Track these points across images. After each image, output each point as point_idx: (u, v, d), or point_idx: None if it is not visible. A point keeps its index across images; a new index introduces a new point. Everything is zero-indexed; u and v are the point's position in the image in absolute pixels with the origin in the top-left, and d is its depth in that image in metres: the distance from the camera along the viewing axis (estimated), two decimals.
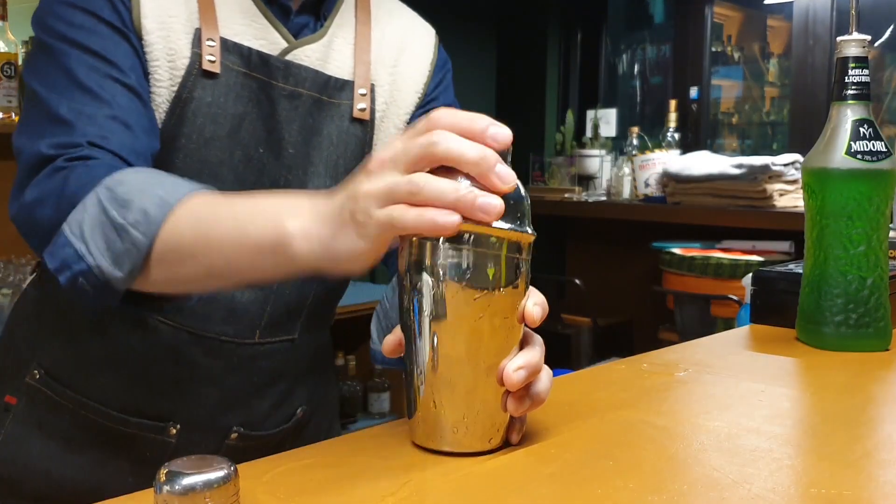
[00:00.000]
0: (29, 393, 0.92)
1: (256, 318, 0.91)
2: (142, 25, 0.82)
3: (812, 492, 0.56)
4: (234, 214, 0.65)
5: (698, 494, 0.55)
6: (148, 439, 0.91)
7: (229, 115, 0.85)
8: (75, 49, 0.79)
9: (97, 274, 0.69)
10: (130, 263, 0.68)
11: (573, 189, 3.32)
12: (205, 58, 0.84)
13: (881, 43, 2.99)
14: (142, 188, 0.69)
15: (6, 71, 2.11)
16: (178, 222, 0.67)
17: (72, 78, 0.78)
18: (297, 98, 0.89)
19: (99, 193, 0.70)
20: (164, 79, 0.83)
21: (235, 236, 0.64)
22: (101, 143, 0.76)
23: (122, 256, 0.68)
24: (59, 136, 0.76)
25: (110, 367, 0.90)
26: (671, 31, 3.54)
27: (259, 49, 0.88)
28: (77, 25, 0.80)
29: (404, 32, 1.00)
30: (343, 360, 2.90)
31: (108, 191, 0.69)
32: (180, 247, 0.67)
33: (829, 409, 0.78)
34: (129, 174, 0.71)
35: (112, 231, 0.68)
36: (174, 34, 0.84)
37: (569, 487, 0.57)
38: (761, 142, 3.48)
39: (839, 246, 0.95)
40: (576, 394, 0.80)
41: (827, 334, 0.96)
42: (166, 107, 0.83)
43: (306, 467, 0.60)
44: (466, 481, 0.57)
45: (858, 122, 0.94)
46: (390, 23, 0.99)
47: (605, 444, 0.65)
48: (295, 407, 1.00)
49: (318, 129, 0.91)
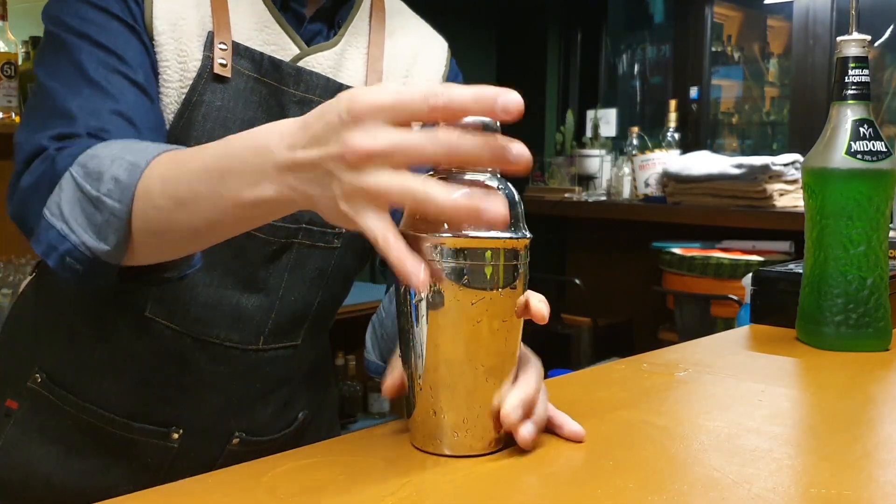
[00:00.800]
0: (31, 397, 0.92)
1: (262, 324, 0.91)
2: (153, 26, 0.82)
3: (812, 492, 0.56)
4: (206, 147, 0.63)
5: (698, 494, 0.55)
6: (150, 444, 0.91)
7: (239, 119, 0.85)
8: (86, 43, 0.79)
9: (83, 250, 0.68)
10: (114, 234, 0.67)
11: (573, 189, 3.32)
12: (216, 61, 0.83)
13: (881, 43, 2.99)
14: (112, 157, 0.68)
15: (6, 71, 2.11)
16: (151, 180, 0.66)
17: (80, 71, 0.78)
18: (308, 105, 0.88)
19: (72, 171, 0.69)
20: (173, 80, 0.83)
21: (211, 163, 0.61)
22: (100, 135, 0.75)
23: (104, 228, 0.68)
24: (60, 128, 0.75)
25: (113, 372, 0.90)
26: (671, 31, 3.54)
27: (270, 54, 0.87)
28: (89, 20, 0.80)
29: (417, 44, 1.00)
30: (343, 360, 2.90)
31: (81, 167, 0.69)
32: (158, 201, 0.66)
33: (829, 409, 0.78)
34: (101, 148, 0.70)
35: (89, 205, 0.68)
36: (186, 36, 0.83)
37: (569, 487, 0.57)
38: (761, 142, 3.48)
39: (839, 246, 0.95)
40: (576, 394, 0.80)
41: (827, 334, 0.96)
42: (175, 108, 0.83)
43: (306, 467, 0.60)
44: (466, 482, 0.57)
45: (858, 122, 0.94)
46: (404, 34, 0.99)
47: (605, 444, 0.65)
48: (296, 412, 1.00)
49: None
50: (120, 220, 0.67)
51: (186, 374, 0.89)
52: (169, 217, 0.66)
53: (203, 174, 0.62)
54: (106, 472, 0.91)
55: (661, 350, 0.97)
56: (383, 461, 0.61)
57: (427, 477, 0.58)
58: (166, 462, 0.92)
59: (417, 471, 0.59)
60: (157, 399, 0.90)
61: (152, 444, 0.91)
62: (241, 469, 0.60)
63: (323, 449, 0.65)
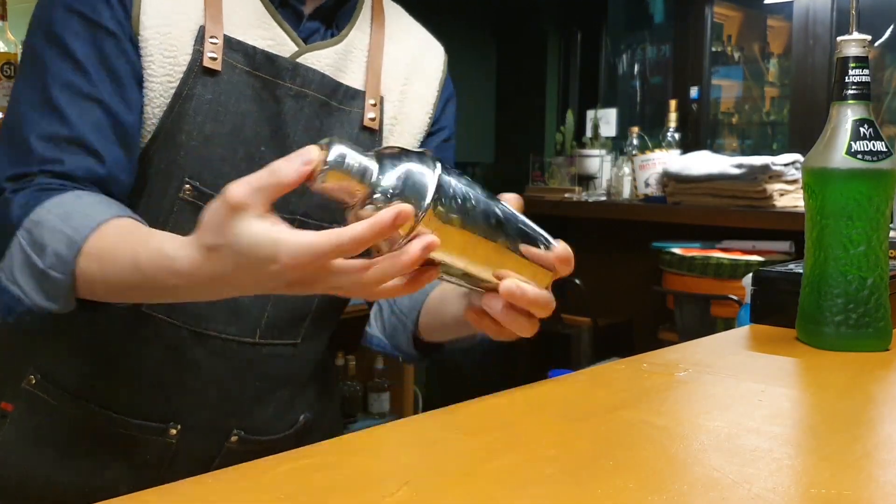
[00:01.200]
0: (26, 398, 0.91)
1: (258, 317, 0.91)
2: (140, 21, 0.83)
3: (812, 492, 0.56)
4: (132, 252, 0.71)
5: (698, 494, 0.55)
6: (149, 441, 0.91)
7: (231, 112, 0.86)
8: (56, 58, 0.82)
9: (38, 311, 0.75)
10: (63, 297, 0.75)
11: (573, 189, 3.32)
12: (206, 55, 0.84)
13: (881, 43, 2.99)
14: (53, 228, 0.74)
15: (6, 71, 2.11)
16: (89, 260, 0.73)
17: (44, 94, 0.81)
18: (304, 98, 0.90)
19: (20, 238, 0.75)
20: (158, 74, 0.84)
21: (130, 274, 0.71)
22: (54, 168, 0.79)
23: (52, 293, 0.74)
24: (18, 166, 0.79)
25: (111, 369, 0.90)
26: (671, 31, 3.54)
27: (266, 49, 0.88)
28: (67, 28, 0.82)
29: (416, 51, 1.02)
30: (343, 360, 2.90)
31: (28, 234, 0.75)
32: (95, 280, 0.74)
33: (829, 409, 0.78)
34: (44, 212, 0.75)
35: (37, 274, 0.74)
36: (177, 31, 0.84)
37: (569, 487, 0.57)
38: (761, 142, 3.48)
39: (839, 246, 0.95)
40: (576, 394, 0.80)
41: (827, 334, 0.96)
42: (164, 102, 0.84)
43: (306, 467, 0.60)
44: (466, 481, 0.57)
45: (859, 122, 0.94)
46: (404, 39, 1.01)
47: (605, 444, 0.65)
48: (298, 414, 1.01)
49: (327, 132, 0.91)
50: (65, 288, 0.74)
51: (184, 369, 0.90)
52: (112, 292, 0.75)
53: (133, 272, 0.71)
54: (105, 470, 0.91)
55: (661, 350, 0.97)
56: (383, 461, 0.61)
57: (427, 477, 0.58)
58: (166, 458, 0.92)
59: (417, 471, 0.59)
60: (155, 394, 0.91)
61: (151, 440, 0.91)
62: (240, 469, 0.60)
63: (323, 449, 0.65)
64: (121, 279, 0.72)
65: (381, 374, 2.93)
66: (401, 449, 0.63)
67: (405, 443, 0.64)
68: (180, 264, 0.66)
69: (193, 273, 0.65)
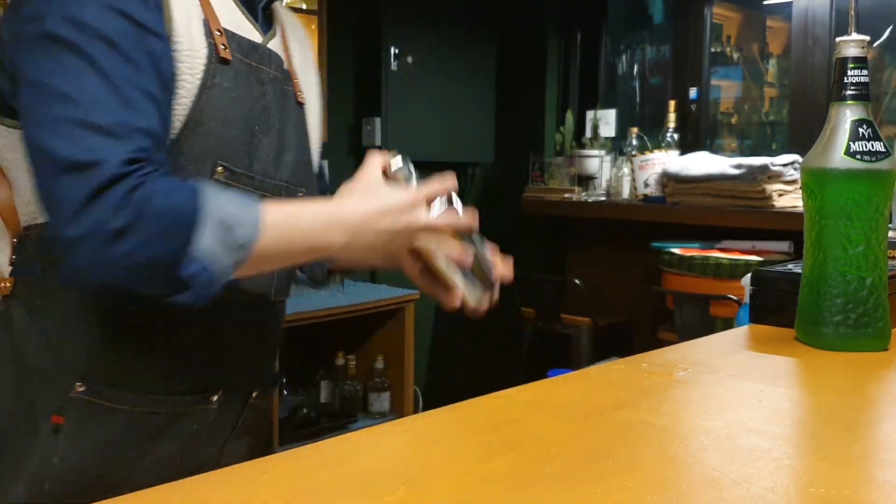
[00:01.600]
0: (76, 406, 0.91)
1: (269, 276, 1.01)
2: (173, 17, 0.88)
3: (811, 492, 0.56)
4: (301, 231, 0.87)
5: (698, 494, 0.56)
6: (195, 412, 0.98)
7: (239, 97, 0.94)
8: (113, 53, 0.82)
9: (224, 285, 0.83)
10: (244, 269, 0.84)
11: (573, 189, 3.32)
12: (218, 46, 0.91)
13: (880, 43, 2.99)
14: (230, 204, 0.83)
15: None
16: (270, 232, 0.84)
17: (110, 86, 0.81)
18: (276, 81, 1.01)
19: (209, 217, 0.81)
20: (187, 69, 0.89)
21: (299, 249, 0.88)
22: (146, 156, 0.81)
23: (243, 266, 0.84)
24: (125, 150, 0.79)
25: (154, 356, 0.94)
26: (671, 32, 3.54)
27: (248, 38, 0.97)
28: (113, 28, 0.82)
29: (300, 33, 1.14)
30: (343, 360, 2.90)
31: (210, 216, 0.81)
32: (268, 251, 0.84)
33: (829, 409, 0.78)
34: (210, 194, 0.82)
35: (236, 249, 0.82)
36: (194, 25, 0.90)
37: (569, 487, 0.57)
38: (760, 142, 3.48)
39: (838, 246, 0.95)
40: (576, 394, 0.80)
41: (826, 334, 0.96)
42: (190, 94, 0.89)
43: (306, 467, 0.60)
44: (466, 481, 0.58)
45: (857, 123, 0.94)
46: (292, 23, 1.13)
47: (605, 444, 0.65)
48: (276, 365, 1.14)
49: (287, 109, 1.03)
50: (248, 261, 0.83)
51: (217, 339, 0.97)
52: (272, 261, 0.88)
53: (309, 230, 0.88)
54: (156, 450, 0.95)
55: (660, 350, 0.97)
56: (383, 461, 0.61)
57: (427, 477, 0.59)
58: (206, 425, 0.99)
59: (417, 471, 0.59)
60: (197, 369, 0.97)
61: (197, 410, 0.98)
62: (241, 469, 0.60)
63: (323, 449, 0.65)
64: (291, 246, 0.87)
65: (381, 374, 2.93)
66: (401, 449, 0.63)
67: (405, 442, 0.64)
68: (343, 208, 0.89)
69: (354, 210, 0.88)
